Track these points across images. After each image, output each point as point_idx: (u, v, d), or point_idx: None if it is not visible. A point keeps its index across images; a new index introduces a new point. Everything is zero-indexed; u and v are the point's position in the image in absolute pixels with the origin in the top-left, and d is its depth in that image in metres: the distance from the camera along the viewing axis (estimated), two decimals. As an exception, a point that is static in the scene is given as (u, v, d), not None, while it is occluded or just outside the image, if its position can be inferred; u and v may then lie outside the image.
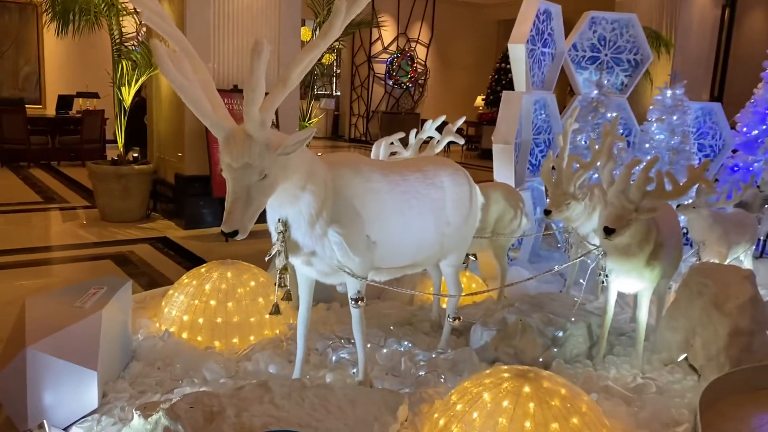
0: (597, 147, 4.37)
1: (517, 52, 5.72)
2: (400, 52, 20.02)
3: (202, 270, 4.24)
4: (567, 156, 4.58)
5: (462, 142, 4.83)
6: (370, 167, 3.30)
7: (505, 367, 2.83)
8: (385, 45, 20.02)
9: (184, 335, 3.96)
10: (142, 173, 7.75)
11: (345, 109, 21.04)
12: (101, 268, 5.85)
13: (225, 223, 2.59)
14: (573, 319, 3.97)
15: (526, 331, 3.87)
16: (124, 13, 7.63)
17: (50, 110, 14.02)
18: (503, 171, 5.45)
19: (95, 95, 13.49)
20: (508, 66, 17.53)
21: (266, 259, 3.11)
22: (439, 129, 4.78)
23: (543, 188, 6.55)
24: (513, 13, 5.93)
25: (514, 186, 5.42)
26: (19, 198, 9.07)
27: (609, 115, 6.00)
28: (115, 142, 8.03)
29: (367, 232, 3.18)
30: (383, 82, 20.19)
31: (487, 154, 17.56)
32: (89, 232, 7.20)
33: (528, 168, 6.15)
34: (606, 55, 6.62)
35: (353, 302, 3.26)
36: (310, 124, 9.44)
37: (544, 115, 6.30)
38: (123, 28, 7.71)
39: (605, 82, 6.12)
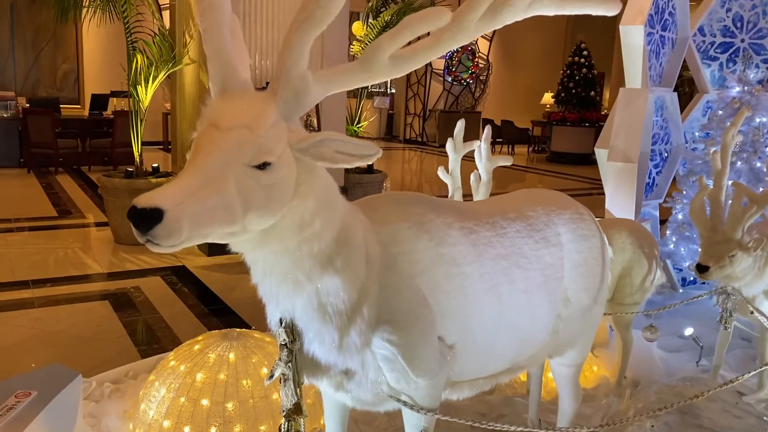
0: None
1: (633, 37, 4.24)
2: (460, 47, 18.51)
3: (195, 348, 2.96)
4: (728, 186, 3.12)
5: (509, 162, 3.56)
6: (443, 218, 1.92)
7: None
8: (444, 39, 18.55)
9: (164, 451, 2.69)
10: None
11: (400, 108, 19.72)
12: (93, 314, 4.63)
13: (147, 195, 1.25)
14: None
15: (686, 468, 2.45)
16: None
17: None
18: (622, 199, 3.97)
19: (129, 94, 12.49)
20: (581, 60, 15.87)
21: (266, 383, 1.80)
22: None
23: (657, 213, 5.05)
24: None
25: (633, 217, 3.97)
26: (32, 211, 8.01)
27: (758, 119, 4.46)
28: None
29: (440, 332, 1.83)
30: (441, 79, 18.80)
31: (558, 158, 15.99)
32: (95, 259, 6.05)
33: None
34: (743, 41, 5.05)
35: (414, 453, 1.91)
36: (359, 128, 8.10)
37: (661, 120, 4.79)
38: (139, 15, 6.56)
39: (751, 76, 4.56)
